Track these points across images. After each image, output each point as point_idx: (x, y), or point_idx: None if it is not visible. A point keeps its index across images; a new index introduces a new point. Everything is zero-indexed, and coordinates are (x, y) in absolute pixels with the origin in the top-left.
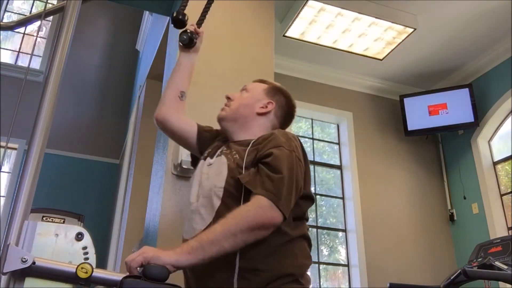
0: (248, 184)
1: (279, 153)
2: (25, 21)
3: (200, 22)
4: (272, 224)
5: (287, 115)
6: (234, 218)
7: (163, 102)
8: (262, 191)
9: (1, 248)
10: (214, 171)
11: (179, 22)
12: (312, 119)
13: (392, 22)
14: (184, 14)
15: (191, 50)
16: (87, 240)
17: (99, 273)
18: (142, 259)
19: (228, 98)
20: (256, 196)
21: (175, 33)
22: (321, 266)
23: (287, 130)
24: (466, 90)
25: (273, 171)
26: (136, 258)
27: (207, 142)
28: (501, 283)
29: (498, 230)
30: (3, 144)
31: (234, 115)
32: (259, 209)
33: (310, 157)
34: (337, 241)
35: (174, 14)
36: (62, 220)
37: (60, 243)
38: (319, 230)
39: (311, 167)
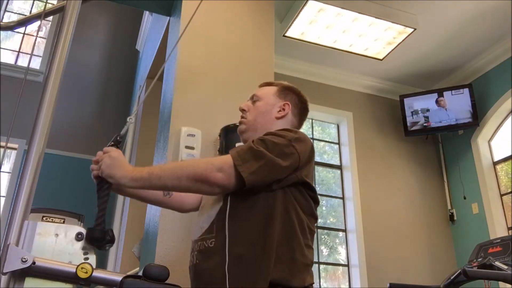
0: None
1: (269, 137)
2: (25, 21)
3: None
4: (214, 183)
5: (302, 111)
6: (186, 165)
7: (172, 209)
8: (233, 151)
9: (1, 248)
10: None
11: (99, 240)
12: (312, 119)
13: (392, 22)
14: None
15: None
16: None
17: (99, 273)
18: (98, 170)
19: (242, 110)
20: (227, 155)
21: (175, 33)
22: (321, 266)
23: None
24: (466, 90)
25: (254, 144)
26: (100, 161)
27: None
28: (501, 283)
29: (498, 230)
30: (3, 144)
31: (254, 126)
32: (210, 165)
33: None
34: (337, 241)
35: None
36: (62, 220)
37: (60, 243)
38: (319, 230)
39: None
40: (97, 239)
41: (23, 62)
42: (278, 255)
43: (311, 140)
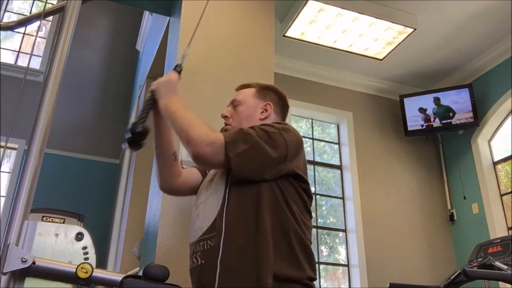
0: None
1: (259, 126)
2: (25, 21)
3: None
4: (199, 153)
5: (283, 107)
6: (193, 123)
7: (161, 174)
8: (227, 132)
9: (1, 248)
10: (218, 176)
11: (137, 143)
12: (312, 119)
13: (392, 22)
14: (145, 129)
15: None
16: (87, 240)
17: (99, 273)
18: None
19: (225, 117)
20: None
21: (175, 33)
22: (321, 266)
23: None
24: (466, 90)
25: (244, 128)
26: (156, 83)
27: None
28: (501, 283)
29: (498, 230)
30: (3, 144)
31: None
32: (205, 136)
33: (310, 157)
34: (337, 241)
35: (132, 130)
36: (62, 220)
37: (60, 243)
38: (319, 230)
39: (311, 167)
40: (139, 133)
41: (23, 62)
42: (278, 247)
43: (301, 135)
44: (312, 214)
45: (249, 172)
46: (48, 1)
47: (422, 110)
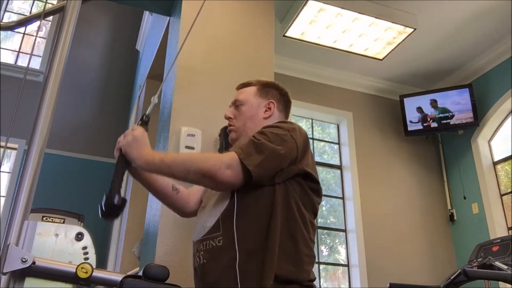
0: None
1: (268, 129)
2: (25, 21)
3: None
4: (221, 180)
5: (286, 103)
6: (195, 158)
7: (175, 209)
8: (236, 148)
9: (1, 248)
10: None
11: (116, 211)
12: (312, 119)
13: (392, 22)
14: (123, 199)
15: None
16: (87, 240)
17: (99, 273)
18: (119, 146)
19: (229, 118)
20: (231, 151)
21: (175, 33)
22: (321, 266)
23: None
24: (466, 90)
25: (254, 137)
26: (122, 141)
27: None
28: (501, 283)
29: (498, 230)
30: (3, 144)
31: (245, 132)
32: (219, 162)
33: None
34: (337, 241)
35: (109, 201)
36: (62, 220)
37: (60, 243)
38: (319, 230)
39: None
40: (116, 206)
41: (23, 62)
42: (283, 249)
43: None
44: None
45: (267, 178)
46: (48, 1)
47: (419, 110)
